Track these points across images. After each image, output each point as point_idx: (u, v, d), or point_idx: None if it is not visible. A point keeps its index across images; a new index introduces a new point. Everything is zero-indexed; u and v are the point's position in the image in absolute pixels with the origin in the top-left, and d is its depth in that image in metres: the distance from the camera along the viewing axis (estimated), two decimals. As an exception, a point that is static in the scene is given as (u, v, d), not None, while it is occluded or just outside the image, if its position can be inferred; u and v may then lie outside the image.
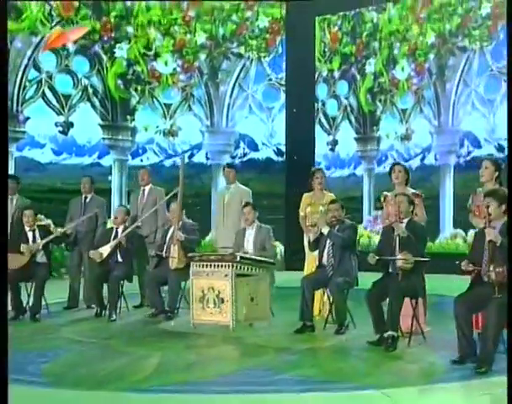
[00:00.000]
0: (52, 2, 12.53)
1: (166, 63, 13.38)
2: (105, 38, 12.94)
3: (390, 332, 5.42)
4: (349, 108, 14.06)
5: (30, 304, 7.36)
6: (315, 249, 6.55)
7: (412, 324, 5.59)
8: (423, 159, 13.30)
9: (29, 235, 7.52)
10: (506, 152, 11.56)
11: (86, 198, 8.24)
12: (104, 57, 12.95)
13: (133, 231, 7.62)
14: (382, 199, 6.57)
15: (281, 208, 12.84)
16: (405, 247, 5.47)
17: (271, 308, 6.82)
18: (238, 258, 6.37)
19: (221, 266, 6.40)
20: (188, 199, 10.97)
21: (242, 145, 13.89)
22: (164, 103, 13.46)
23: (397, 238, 5.51)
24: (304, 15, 13.89)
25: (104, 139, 12.97)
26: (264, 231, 6.99)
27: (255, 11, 13.89)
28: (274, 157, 13.97)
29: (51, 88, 12.52)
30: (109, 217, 9.03)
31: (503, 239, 4.71)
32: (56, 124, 12.56)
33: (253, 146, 13.92)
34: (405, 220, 5.62)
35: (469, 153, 12.88)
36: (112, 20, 13.01)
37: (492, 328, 4.66)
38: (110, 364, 5.25)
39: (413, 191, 6.32)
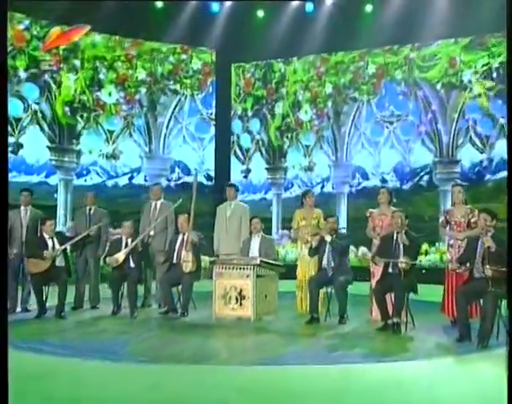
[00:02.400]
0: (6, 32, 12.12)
1: (110, 94, 13.46)
2: (54, 68, 12.83)
3: (396, 319, 6.20)
4: (260, 142, 14.74)
5: (56, 303, 7.31)
6: (315, 255, 7.15)
7: (406, 314, 6.38)
8: (322, 187, 14.26)
9: (49, 242, 7.48)
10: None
11: (90, 209, 8.26)
12: (53, 86, 12.82)
13: (142, 240, 7.81)
14: (368, 214, 7.35)
15: (211, 225, 13.24)
16: (406, 252, 6.29)
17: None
18: (259, 262, 6.86)
19: (243, 268, 6.87)
20: (129, 216, 11.10)
21: (176, 170, 14.11)
22: (107, 130, 13.50)
23: (401, 245, 6.31)
24: (227, 61, 14.53)
25: (51, 160, 12.80)
26: (267, 240, 7.53)
27: (189, 55, 14.26)
28: (205, 181, 14.27)
29: (3, 111, 12.11)
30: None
31: (496, 245, 5.64)
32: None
33: (187, 171, 14.16)
34: (403, 231, 6.44)
35: (359, 184, 14.06)
36: (61, 53, 12.88)
37: (489, 314, 5.51)
38: (184, 346, 5.62)
39: (395, 209, 7.14)
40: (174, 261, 7.58)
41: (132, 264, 7.59)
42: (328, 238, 6.91)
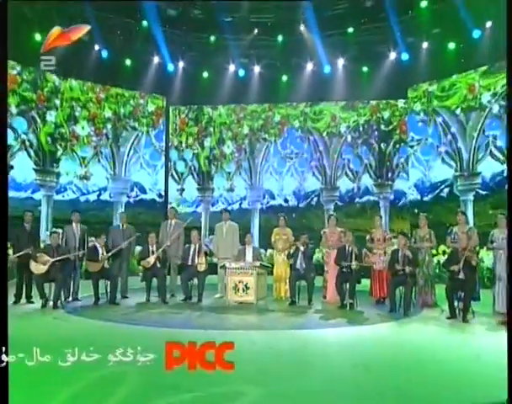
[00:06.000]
0: None
1: (83, 128, 14.10)
2: (39, 106, 13.33)
3: (350, 301, 8.37)
4: (192, 168, 15.79)
5: (109, 294, 8.59)
6: (291, 258, 9.05)
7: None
8: (241, 204, 15.68)
9: (100, 250, 8.69)
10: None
11: (123, 226, 9.48)
12: (38, 120, 13.30)
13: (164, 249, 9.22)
14: (323, 232, 9.43)
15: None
16: (357, 258, 8.50)
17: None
18: (259, 264, 8.67)
19: (248, 268, 8.60)
20: (96, 224, 12.22)
21: (135, 189, 14.94)
22: (81, 156, 14.10)
23: (353, 254, 8.50)
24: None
25: (36, 179, 13.23)
26: (256, 250, 9.33)
27: (146, 100, 15.21)
28: (157, 199, 15.26)
29: (-2, 139, 12.48)
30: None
31: (411, 254, 8.06)
32: (1, 166, 12.53)
33: (143, 191, 15.02)
34: (353, 245, 8.64)
35: (268, 202, 15.87)
36: (45, 94, 13.44)
37: (408, 296, 7.89)
38: (232, 320, 7.40)
39: (341, 229, 9.32)
40: (190, 263, 9.11)
41: (159, 265, 9.01)
42: (302, 248, 8.91)
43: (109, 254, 8.77)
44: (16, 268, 8.58)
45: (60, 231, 9.47)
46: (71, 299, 8.84)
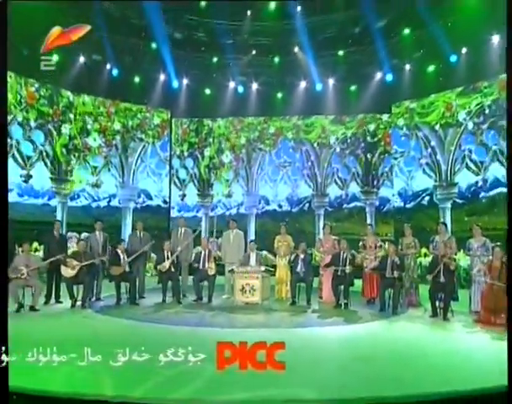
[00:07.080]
0: (22, 92, 13.05)
1: (94, 140, 14.68)
2: (55, 120, 13.86)
3: (345, 301, 9.04)
4: (193, 175, 16.41)
5: (129, 294, 9.16)
6: (292, 264, 9.68)
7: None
8: (238, 209, 16.38)
9: (121, 255, 9.28)
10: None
11: (141, 233, 10.07)
12: (54, 133, 13.83)
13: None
14: (318, 240, 10.08)
15: (166, 237, 14.92)
16: (351, 263, 9.18)
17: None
18: (264, 269, 9.32)
19: (254, 272, 9.22)
20: (107, 229, 12.74)
21: (142, 196, 15.50)
22: (92, 166, 14.68)
23: (347, 259, 9.19)
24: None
25: (52, 187, 13.78)
26: (259, 255, 9.94)
27: (151, 113, 15.78)
28: (162, 205, 15.84)
29: (18, 151, 13.05)
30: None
31: (398, 260, 8.77)
32: (21, 176, 13.11)
33: (149, 197, 15.60)
34: (347, 250, 9.31)
35: (263, 207, 16.40)
36: (60, 108, 13.95)
37: (396, 297, 8.54)
38: (241, 318, 7.94)
39: (335, 237, 10.01)
40: (201, 267, 9.71)
41: (173, 269, 9.59)
42: (302, 256, 9.56)
43: (130, 258, 9.35)
44: (46, 272, 9.16)
45: (84, 235, 10.02)
46: (94, 299, 9.42)
